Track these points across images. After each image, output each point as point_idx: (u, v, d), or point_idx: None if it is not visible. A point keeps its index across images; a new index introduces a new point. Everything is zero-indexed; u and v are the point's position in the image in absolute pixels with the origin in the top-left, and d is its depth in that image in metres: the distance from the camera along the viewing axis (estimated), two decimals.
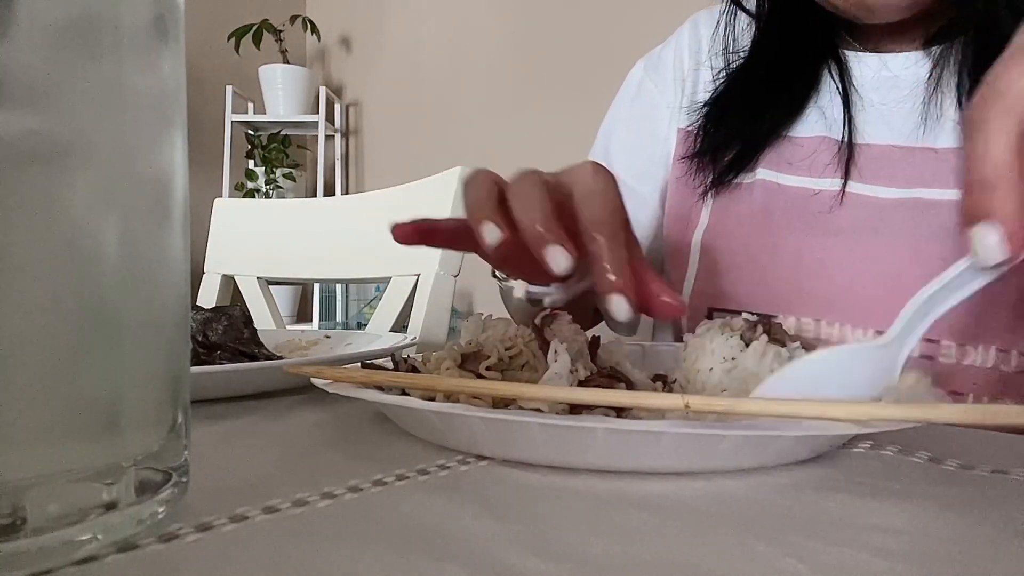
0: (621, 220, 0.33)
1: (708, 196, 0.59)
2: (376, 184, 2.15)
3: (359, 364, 0.36)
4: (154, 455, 0.21)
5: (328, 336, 0.58)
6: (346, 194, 2.73)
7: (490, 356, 0.33)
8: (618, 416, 0.28)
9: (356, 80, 2.83)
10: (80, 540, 0.19)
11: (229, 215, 1.07)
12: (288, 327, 1.39)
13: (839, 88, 0.56)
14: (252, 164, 2.57)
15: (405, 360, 0.37)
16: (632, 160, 0.67)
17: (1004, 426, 0.29)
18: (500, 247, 0.32)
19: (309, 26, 2.65)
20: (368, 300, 2.51)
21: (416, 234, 0.38)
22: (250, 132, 2.60)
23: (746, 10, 0.62)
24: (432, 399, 0.30)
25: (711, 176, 0.59)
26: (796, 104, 0.57)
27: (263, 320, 0.97)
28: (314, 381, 0.32)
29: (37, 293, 0.18)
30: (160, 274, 0.21)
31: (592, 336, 0.36)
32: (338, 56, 2.85)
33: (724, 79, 0.61)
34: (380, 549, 0.20)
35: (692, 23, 0.67)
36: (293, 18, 2.59)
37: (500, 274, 0.49)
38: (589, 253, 0.31)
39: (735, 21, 0.62)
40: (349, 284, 2.49)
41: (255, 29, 2.48)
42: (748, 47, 0.61)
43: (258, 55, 2.50)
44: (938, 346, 0.49)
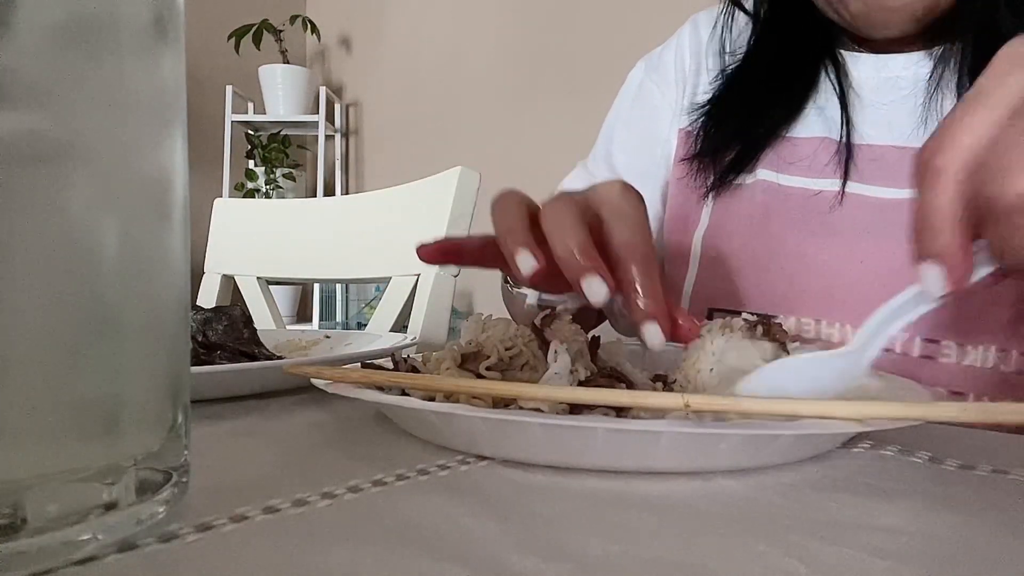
0: (651, 243, 0.33)
1: (708, 197, 0.59)
2: (376, 184, 2.15)
3: (359, 364, 0.36)
4: (154, 455, 0.21)
5: (328, 336, 0.58)
6: (346, 194, 2.73)
7: (490, 356, 0.33)
8: (618, 416, 0.28)
9: (356, 80, 2.83)
10: (80, 540, 0.19)
11: (229, 215, 1.06)
12: (288, 327, 1.39)
13: (837, 89, 0.56)
14: (252, 164, 2.57)
15: (405, 360, 0.37)
16: (633, 161, 0.67)
17: (1004, 425, 0.29)
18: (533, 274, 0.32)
19: (309, 26, 2.65)
20: (368, 300, 2.51)
21: (441, 254, 0.38)
22: (250, 132, 2.60)
23: (745, 10, 0.62)
24: (432, 399, 0.30)
25: (711, 177, 0.59)
26: (795, 104, 0.57)
27: (263, 320, 0.97)
28: (314, 381, 0.32)
29: (37, 293, 0.18)
30: (160, 274, 0.21)
31: (592, 336, 0.36)
32: (338, 56, 2.85)
33: (723, 79, 0.61)
34: (380, 549, 0.20)
35: (692, 24, 0.68)
36: (293, 18, 2.59)
37: (510, 280, 0.49)
38: (620, 279, 0.32)
39: (734, 21, 0.62)
40: (349, 284, 2.49)
41: (255, 29, 2.48)
42: (747, 47, 0.61)
43: (258, 55, 2.50)
44: (939, 346, 0.49)
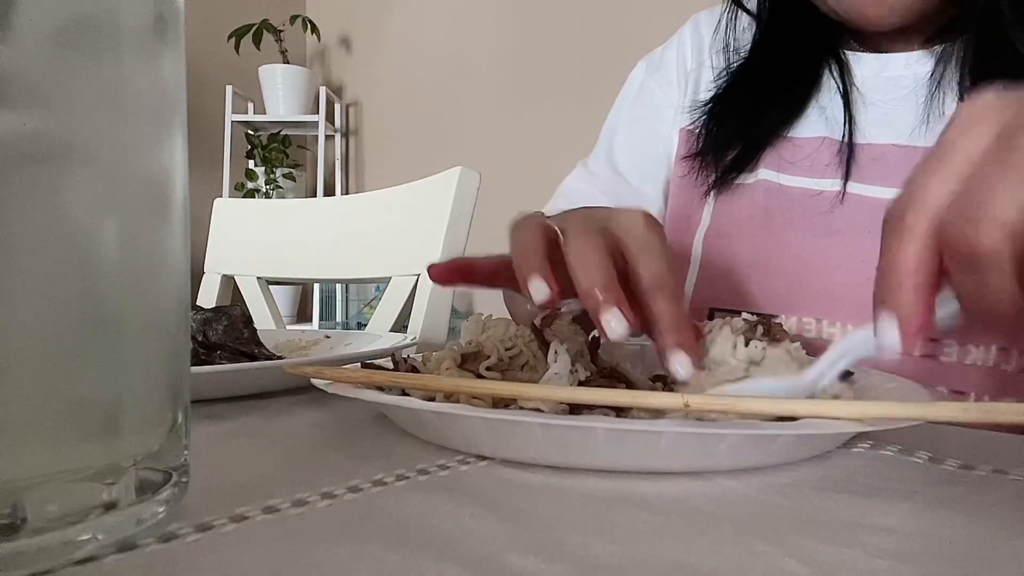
0: (677, 277, 0.34)
1: (710, 196, 0.59)
2: (376, 184, 2.15)
3: (359, 364, 0.36)
4: (154, 455, 0.21)
5: (328, 336, 0.58)
6: (346, 194, 2.73)
7: (490, 356, 0.33)
8: (618, 416, 0.28)
9: (356, 80, 2.83)
10: (80, 540, 0.19)
11: (229, 215, 1.06)
12: (288, 327, 1.39)
13: (840, 88, 0.56)
14: (252, 164, 2.57)
15: (405, 360, 0.37)
16: (635, 159, 0.67)
17: (1004, 425, 0.29)
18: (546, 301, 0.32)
19: (309, 26, 2.65)
20: (368, 300, 2.51)
21: (452, 273, 0.38)
22: (250, 132, 2.60)
23: (747, 10, 0.62)
24: (432, 399, 0.30)
25: (713, 176, 0.59)
26: (796, 104, 0.57)
27: (263, 320, 0.97)
28: (314, 381, 0.32)
29: (37, 293, 0.18)
30: (160, 274, 0.21)
31: (592, 336, 0.36)
32: (338, 56, 2.85)
33: (725, 78, 0.61)
34: (380, 549, 0.20)
35: (693, 23, 0.68)
36: (293, 18, 2.59)
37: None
38: (649, 310, 0.32)
39: (736, 20, 0.62)
40: (349, 284, 2.49)
41: (255, 29, 2.48)
42: (749, 46, 0.61)
43: (258, 55, 2.50)
44: (939, 345, 0.49)
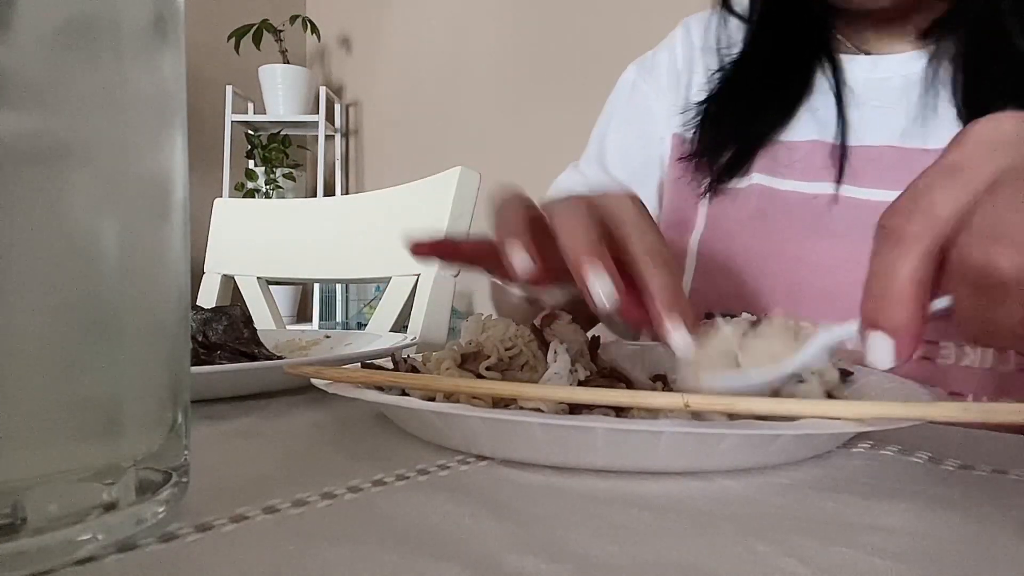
0: (672, 255, 0.33)
1: (704, 200, 0.59)
2: (376, 184, 2.15)
3: (359, 364, 0.36)
4: (154, 455, 0.21)
5: (328, 336, 0.58)
6: (346, 194, 2.73)
7: (490, 356, 0.33)
8: (618, 416, 0.28)
9: (356, 80, 2.83)
10: (80, 540, 0.19)
11: (229, 215, 1.06)
12: (288, 327, 1.39)
13: (833, 90, 0.55)
14: (252, 164, 2.57)
15: (405, 360, 0.37)
16: (627, 161, 0.66)
17: (1004, 425, 0.29)
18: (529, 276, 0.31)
19: (309, 26, 2.65)
20: (368, 300, 2.51)
21: (434, 251, 0.37)
22: (250, 132, 2.60)
23: (736, 14, 0.61)
24: (432, 399, 0.30)
25: (707, 180, 0.58)
26: (788, 106, 0.57)
27: (263, 320, 0.97)
28: (314, 381, 0.32)
29: (37, 293, 0.18)
30: (160, 274, 0.21)
31: (592, 336, 0.36)
32: (338, 56, 2.85)
33: (716, 81, 0.60)
34: (380, 549, 0.20)
35: (684, 27, 0.67)
36: (293, 18, 2.59)
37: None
38: (644, 284, 0.31)
39: (726, 23, 0.62)
40: (349, 284, 2.49)
41: (255, 29, 2.48)
42: (740, 49, 0.60)
43: (258, 55, 2.50)
44: (936, 347, 0.49)
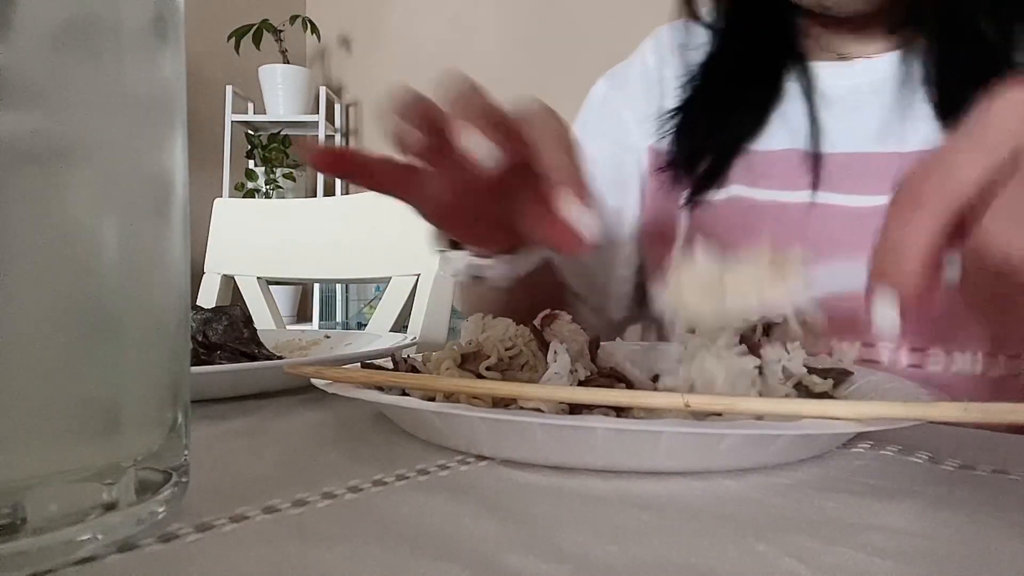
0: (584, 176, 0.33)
1: (684, 212, 0.58)
2: None
3: (359, 364, 0.36)
4: (154, 455, 0.21)
5: (328, 336, 0.58)
6: (346, 194, 2.73)
7: (490, 356, 0.33)
8: (618, 416, 0.28)
9: (356, 80, 2.83)
10: (80, 540, 0.19)
11: (229, 215, 1.06)
12: (288, 327, 1.39)
13: (803, 97, 0.54)
14: (252, 164, 2.57)
15: (405, 360, 0.37)
16: (603, 172, 0.65)
17: (1004, 425, 0.29)
18: (435, 194, 0.31)
19: (309, 26, 2.65)
20: (368, 300, 2.51)
21: (336, 161, 0.35)
22: (250, 132, 2.60)
23: (701, 20, 0.60)
24: (432, 399, 0.30)
25: (685, 192, 0.57)
26: (759, 115, 0.56)
27: (263, 320, 0.97)
28: (314, 381, 0.32)
29: (37, 293, 0.18)
30: (160, 274, 0.21)
31: (592, 336, 0.36)
32: (338, 56, 2.85)
33: (686, 92, 0.59)
34: (380, 549, 0.20)
35: (655, 37, 0.66)
36: (293, 18, 2.59)
37: (442, 244, 0.48)
38: (542, 163, 0.31)
39: (695, 32, 0.61)
40: (349, 284, 2.49)
41: (255, 29, 2.48)
42: (707, 57, 0.59)
43: (258, 55, 2.50)
44: (925, 355, 0.48)
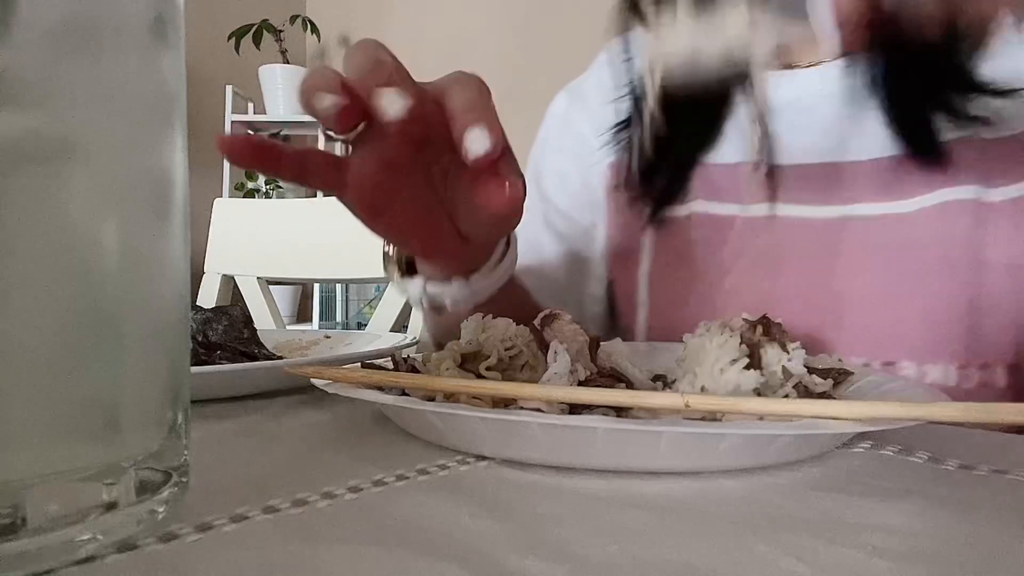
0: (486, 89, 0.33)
1: (648, 230, 0.58)
2: None
3: (359, 364, 0.36)
4: (154, 455, 0.21)
5: (328, 336, 0.58)
6: None
7: (490, 356, 0.33)
8: (618, 416, 0.28)
9: None
10: (80, 540, 0.19)
11: (229, 215, 1.07)
12: (288, 327, 1.39)
13: (752, 109, 0.53)
14: None
15: (405, 360, 0.37)
16: (566, 185, 0.65)
17: (1004, 425, 0.29)
18: (362, 180, 0.33)
19: (309, 26, 2.65)
20: (368, 300, 2.51)
21: (251, 149, 0.34)
22: (250, 132, 2.60)
23: (646, 26, 0.58)
24: (432, 399, 0.30)
25: (647, 210, 0.57)
26: (710, 128, 0.55)
27: (263, 320, 0.97)
28: (314, 381, 0.32)
29: (37, 293, 0.18)
30: (160, 274, 0.21)
31: (592, 336, 0.36)
32: (338, 56, 2.85)
33: (634, 110, 0.58)
34: (380, 549, 0.20)
35: (608, 51, 0.65)
36: (293, 18, 2.59)
37: (396, 274, 0.47)
38: (448, 105, 0.31)
39: (640, 44, 0.59)
40: (349, 284, 2.49)
41: (255, 29, 2.48)
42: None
43: (258, 55, 2.50)
44: (895, 368, 0.47)
